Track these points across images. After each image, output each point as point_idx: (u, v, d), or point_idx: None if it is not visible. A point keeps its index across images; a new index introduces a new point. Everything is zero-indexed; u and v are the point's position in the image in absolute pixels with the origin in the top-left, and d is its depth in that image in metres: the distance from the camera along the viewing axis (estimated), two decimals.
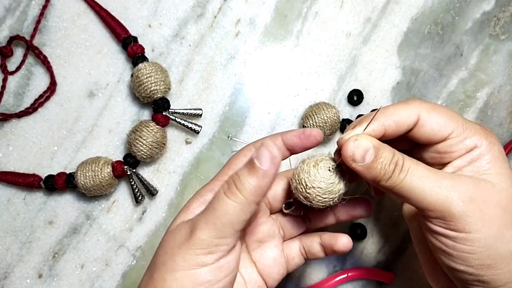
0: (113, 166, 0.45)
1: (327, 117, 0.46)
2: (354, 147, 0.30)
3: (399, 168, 0.30)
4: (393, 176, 0.30)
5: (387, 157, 0.31)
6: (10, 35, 0.48)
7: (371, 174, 0.31)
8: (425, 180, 0.30)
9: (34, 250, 0.47)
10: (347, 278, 0.48)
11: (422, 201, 0.30)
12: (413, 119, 0.32)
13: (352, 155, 0.31)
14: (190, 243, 0.29)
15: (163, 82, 0.45)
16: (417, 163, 0.31)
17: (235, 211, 0.29)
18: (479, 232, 0.30)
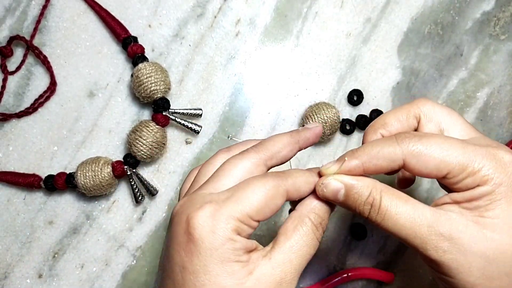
0: (113, 166, 0.45)
1: (327, 117, 0.46)
2: (322, 190, 0.30)
3: (375, 210, 0.29)
4: (370, 216, 0.29)
5: (360, 197, 0.29)
6: (10, 35, 0.48)
7: (351, 209, 0.30)
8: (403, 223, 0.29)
9: (34, 250, 0.47)
10: (347, 278, 0.48)
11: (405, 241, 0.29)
12: (398, 163, 0.30)
13: (323, 195, 0.30)
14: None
15: (163, 82, 0.45)
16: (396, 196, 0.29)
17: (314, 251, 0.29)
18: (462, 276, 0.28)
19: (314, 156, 0.49)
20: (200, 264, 0.27)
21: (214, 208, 0.27)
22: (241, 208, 0.28)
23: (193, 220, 0.27)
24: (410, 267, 0.49)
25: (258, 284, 0.27)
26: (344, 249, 0.48)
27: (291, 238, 0.29)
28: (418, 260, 0.49)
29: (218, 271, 0.27)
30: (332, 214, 0.48)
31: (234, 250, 0.27)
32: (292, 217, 0.30)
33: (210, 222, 0.27)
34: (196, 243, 0.27)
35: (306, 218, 0.30)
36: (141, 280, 0.48)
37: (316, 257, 0.48)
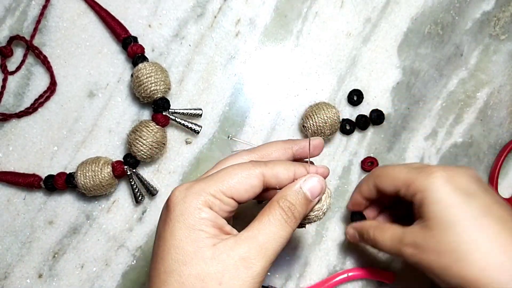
0: (113, 166, 0.45)
1: (327, 117, 0.46)
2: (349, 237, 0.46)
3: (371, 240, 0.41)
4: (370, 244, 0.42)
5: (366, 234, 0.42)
6: (10, 35, 0.48)
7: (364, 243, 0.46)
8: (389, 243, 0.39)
9: (34, 250, 0.47)
10: (347, 278, 0.48)
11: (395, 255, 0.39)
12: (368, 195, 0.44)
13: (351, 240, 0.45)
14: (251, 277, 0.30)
15: (163, 82, 0.45)
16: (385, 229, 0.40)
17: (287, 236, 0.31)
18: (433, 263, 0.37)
19: None
20: (169, 230, 0.30)
21: (190, 184, 0.31)
22: (214, 183, 0.31)
23: (171, 194, 0.31)
24: (410, 267, 0.49)
25: (218, 254, 0.29)
26: (344, 249, 0.48)
27: (258, 219, 0.31)
28: None
29: (183, 236, 0.29)
30: (332, 214, 0.48)
31: (201, 219, 0.30)
32: (265, 206, 0.32)
33: (183, 193, 0.30)
34: (169, 211, 0.30)
35: (275, 202, 0.32)
36: (141, 280, 0.48)
37: (316, 257, 0.48)
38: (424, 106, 0.49)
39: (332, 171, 0.49)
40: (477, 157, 0.50)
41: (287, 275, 0.48)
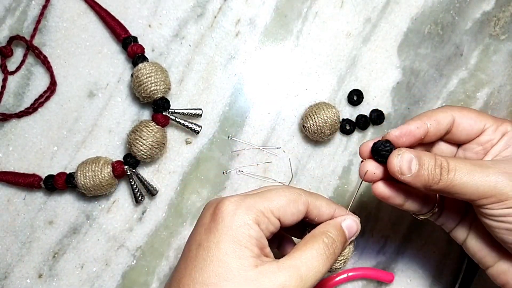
0: (113, 166, 0.45)
1: (327, 117, 0.46)
2: (399, 161, 0.33)
3: (445, 170, 0.32)
4: (442, 178, 0.32)
5: (430, 162, 0.33)
6: (10, 35, 0.48)
7: (421, 182, 0.33)
8: (473, 172, 0.32)
9: (34, 250, 0.47)
10: (347, 278, 0.48)
11: (475, 192, 0.32)
12: (449, 119, 0.36)
13: (399, 169, 0.33)
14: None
15: (163, 82, 0.45)
16: (460, 160, 0.33)
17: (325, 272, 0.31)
18: None
19: (314, 156, 0.49)
20: (214, 241, 0.29)
21: (240, 198, 0.31)
22: (263, 201, 0.31)
23: (220, 204, 0.31)
24: (410, 267, 0.49)
25: (260, 277, 0.29)
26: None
27: (301, 249, 0.31)
28: (418, 260, 0.49)
29: (229, 250, 0.29)
30: None
31: (248, 236, 0.30)
32: (305, 237, 0.33)
33: (234, 207, 0.30)
34: (216, 221, 0.30)
35: (319, 236, 0.32)
36: (141, 280, 0.48)
37: None
38: (424, 106, 0.49)
39: (332, 171, 0.49)
40: None
41: None
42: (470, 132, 0.36)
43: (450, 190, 0.32)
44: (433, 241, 0.49)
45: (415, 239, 0.49)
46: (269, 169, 0.48)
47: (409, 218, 0.49)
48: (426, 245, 0.49)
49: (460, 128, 0.36)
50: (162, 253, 0.48)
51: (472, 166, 0.33)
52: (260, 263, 0.30)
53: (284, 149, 0.49)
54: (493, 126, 0.36)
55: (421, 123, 0.35)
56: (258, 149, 0.49)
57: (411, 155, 0.33)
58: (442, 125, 0.36)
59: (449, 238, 0.49)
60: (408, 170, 0.33)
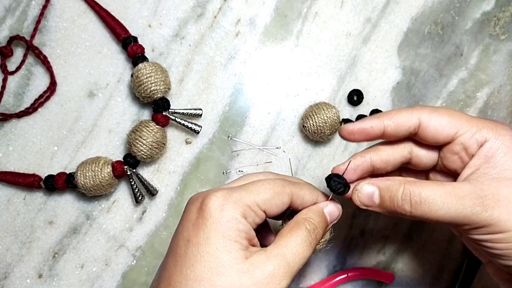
0: (113, 166, 0.45)
1: (327, 117, 0.46)
2: (357, 196, 0.33)
3: (417, 203, 0.31)
4: (413, 210, 0.31)
5: (394, 192, 0.32)
6: (10, 35, 0.48)
7: (389, 211, 0.33)
8: (447, 204, 0.31)
9: (34, 250, 0.47)
10: (347, 278, 0.48)
11: (451, 221, 0.31)
12: (414, 121, 0.34)
13: (361, 204, 0.33)
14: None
15: (163, 82, 0.45)
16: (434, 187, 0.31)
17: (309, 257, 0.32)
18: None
19: (314, 156, 0.49)
20: (204, 237, 0.29)
21: (227, 192, 0.31)
22: (249, 195, 0.31)
23: (206, 199, 0.31)
24: (410, 267, 0.49)
25: (251, 268, 0.29)
26: (344, 249, 0.48)
27: (285, 237, 0.32)
28: (418, 260, 0.49)
29: (219, 245, 0.29)
30: None
31: (237, 230, 0.30)
32: (288, 224, 0.33)
33: (221, 202, 0.30)
34: (204, 218, 0.30)
35: (301, 223, 0.33)
36: (141, 280, 0.48)
37: (316, 257, 0.48)
38: None
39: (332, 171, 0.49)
40: None
41: None
42: (437, 137, 0.34)
43: (423, 218, 0.32)
44: (433, 241, 0.49)
45: (415, 239, 0.49)
46: (269, 169, 0.48)
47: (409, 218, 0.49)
48: (426, 245, 0.49)
49: (426, 131, 0.34)
50: (162, 253, 0.48)
51: (446, 195, 0.31)
52: (249, 254, 0.30)
53: (284, 149, 0.49)
54: (468, 133, 0.33)
55: (378, 122, 0.34)
56: (258, 149, 0.49)
57: (371, 188, 0.33)
58: (403, 127, 0.34)
59: (449, 238, 0.49)
60: (371, 202, 0.33)
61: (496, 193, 0.31)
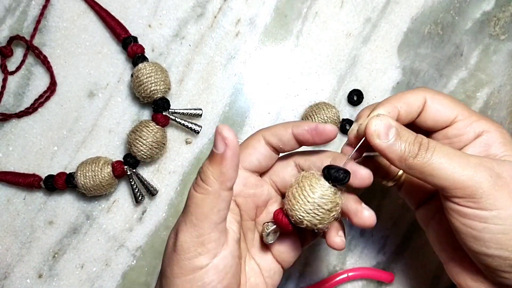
0: (113, 166, 0.45)
1: (327, 117, 0.46)
2: (378, 123, 0.30)
3: (424, 147, 0.30)
4: (420, 154, 0.30)
5: (410, 136, 0.31)
6: (10, 35, 0.48)
7: (396, 152, 0.30)
8: (453, 157, 0.30)
9: (34, 250, 0.47)
10: (347, 278, 0.48)
11: (450, 178, 0.29)
12: (421, 101, 0.33)
13: (376, 131, 0.30)
14: (178, 250, 0.29)
15: (163, 82, 0.45)
16: (441, 143, 0.31)
17: (205, 203, 0.29)
18: (510, 209, 0.29)
19: None
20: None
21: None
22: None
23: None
24: (410, 267, 0.49)
25: None
26: (344, 249, 0.48)
27: None
28: (418, 260, 0.49)
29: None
30: None
31: None
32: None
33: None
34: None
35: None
36: (141, 280, 0.48)
37: (316, 257, 0.48)
38: None
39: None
40: None
41: (287, 275, 0.48)
42: (438, 119, 0.33)
43: (425, 169, 0.30)
44: None
45: (415, 239, 0.49)
46: None
47: (409, 218, 0.49)
48: (426, 245, 0.49)
49: (428, 112, 0.34)
50: (162, 253, 0.48)
51: (452, 150, 0.30)
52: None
53: None
54: (466, 120, 0.33)
55: (391, 107, 0.33)
56: None
57: (391, 122, 0.31)
58: (413, 107, 0.33)
59: None
60: (385, 135, 0.30)
61: (499, 170, 0.30)
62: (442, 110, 0.33)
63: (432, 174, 0.30)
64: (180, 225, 0.30)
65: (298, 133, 0.32)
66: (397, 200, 0.49)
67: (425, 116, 0.34)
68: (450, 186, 0.29)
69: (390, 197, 0.49)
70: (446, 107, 0.33)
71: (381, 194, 0.49)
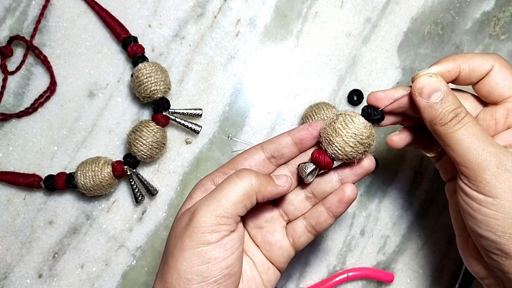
0: (113, 166, 0.45)
1: (327, 117, 0.46)
2: (426, 82, 0.32)
3: (458, 119, 0.32)
4: (450, 124, 0.32)
5: (451, 105, 0.32)
6: (10, 35, 0.48)
7: (430, 114, 0.32)
8: (475, 139, 0.31)
9: (34, 250, 0.47)
10: (347, 278, 0.48)
11: (463, 155, 0.31)
12: (487, 68, 0.33)
13: (420, 88, 0.32)
14: (194, 223, 0.32)
15: (163, 82, 0.45)
16: (476, 122, 0.32)
17: (240, 193, 0.32)
18: (505, 200, 0.31)
19: None
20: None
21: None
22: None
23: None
24: (410, 267, 0.49)
25: None
26: (344, 249, 0.48)
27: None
28: (418, 260, 0.49)
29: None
30: None
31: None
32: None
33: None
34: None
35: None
36: (141, 280, 0.48)
37: (316, 257, 0.48)
38: None
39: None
40: None
41: (287, 275, 0.48)
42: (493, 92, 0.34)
43: (446, 139, 0.32)
44: (433, 241, 0.49)
45: (415, 239, 0.49)
46: None
47: (409, 218, 0.49)
48: (426, 245, 0.49)
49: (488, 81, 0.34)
50: (162, 253, 0.48)
51: (480, 132, 0.32)
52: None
53: None
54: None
55: (455, 65, 0.33)
56: None
57: (440, 86, 0.32)
58: (476, 73, 0.33)
59: (449, 238, 0.49)
60: (427, 95, 0.32)
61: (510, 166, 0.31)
62: (501, 85, 0.33)
63: (450, 145, 0.32)
64: (199, 205, 0.32)
65: (296, 134, 0.36)
66: (397, 200, 0.49)
67: (483, 84, 0.34)
68: (460, 162, 0.32)
69: (390, 197, 0.49)
70: (507, 84, 0.33)
71: (382, 194, 0.49)
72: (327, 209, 0.36)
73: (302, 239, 0.37)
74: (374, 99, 0.35)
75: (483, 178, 0.31)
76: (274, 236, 0.37)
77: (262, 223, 0.37)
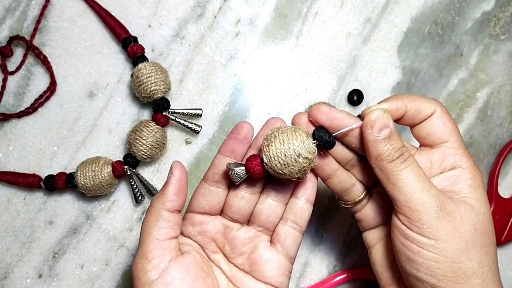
0: (113, 166, 0.45)
1: None
2: (380, 116, 0.32)
3: (403, 158, 0.32)
4: (397, 161, 0.32)
5: (398, 143, 0.32)
6: (10, 35, 0.48)
7: (377, 150, 0.32)
8: (419, 179, 0.31)
9: (34, 250, 0.47)
10: (347, 278, 0.48)
11: (408, 195, 0.31)
12: (431, 111, 0.34)
13: (373, 121, 0.32)
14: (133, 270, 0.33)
15: (163, 82, 0.45)
16: (418, 164, 0.33)
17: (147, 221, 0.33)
18: (447, 243, 0.31)
19: None
20: None
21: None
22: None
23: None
24: None
25: None
26: (344, 249, 0.48)
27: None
28: None
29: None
30: (332, 214, 0.48)
31: None
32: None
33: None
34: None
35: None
36: None
37: (316, 257, 0.48)
38: None
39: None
40: (477, 157, 0.50)
41: None
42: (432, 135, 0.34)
43: (391, 177, 0.32)
44: None
45: None
46: None
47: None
48: None
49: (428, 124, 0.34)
50: None
51: (423, 175, 0.32)
52: None
53: None
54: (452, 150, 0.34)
55: (402, 104, 0.33)
56: None
57: (389, 122, 0.32)
58: (420, 114, 0.34)
59: None
60: (378, 130, 0.32)
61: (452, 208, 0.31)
62: (441, 129, 0.34)
63: (394, 183, 0.32)
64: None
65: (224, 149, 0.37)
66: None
67: (424, 126, 0.34)
68: (402, 202, 0.31)
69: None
70: (446, 130, 0.34)
71: None
72: (299, 198, 0.36)
73: (288, 240, 0.37)
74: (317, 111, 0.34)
75: (427, 220, 0.31)
76: (256, 253, 0.36)
77: (241, 247, 0.37)
